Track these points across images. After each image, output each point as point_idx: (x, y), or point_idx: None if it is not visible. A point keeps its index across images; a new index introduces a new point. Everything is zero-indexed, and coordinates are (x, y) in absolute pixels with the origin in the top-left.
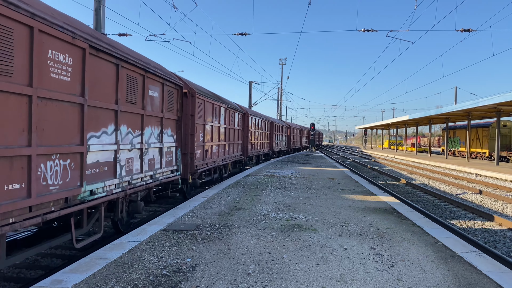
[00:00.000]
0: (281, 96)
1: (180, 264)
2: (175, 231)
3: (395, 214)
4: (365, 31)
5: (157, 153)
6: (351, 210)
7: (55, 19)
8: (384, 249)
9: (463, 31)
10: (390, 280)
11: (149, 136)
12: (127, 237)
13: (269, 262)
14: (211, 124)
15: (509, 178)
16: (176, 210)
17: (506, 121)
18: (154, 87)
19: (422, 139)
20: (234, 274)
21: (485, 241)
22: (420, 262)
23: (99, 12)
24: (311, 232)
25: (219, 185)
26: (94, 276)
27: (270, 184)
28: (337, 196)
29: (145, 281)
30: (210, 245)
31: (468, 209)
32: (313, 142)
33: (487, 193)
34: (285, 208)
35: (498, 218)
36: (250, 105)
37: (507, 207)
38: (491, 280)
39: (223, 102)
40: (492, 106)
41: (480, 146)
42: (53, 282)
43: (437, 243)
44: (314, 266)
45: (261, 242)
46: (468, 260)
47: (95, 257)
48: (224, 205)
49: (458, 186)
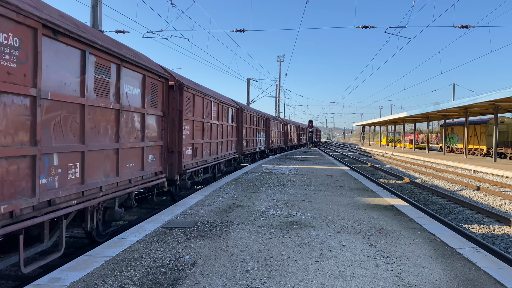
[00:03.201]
0: (279, 93)
1: (179, 262)
2: (174, 229)
3: (394, 211)
4: (363, 28)
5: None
6: (350, 206)
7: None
8: (383, 245)
9: (461, 27)
10: (389, 277)
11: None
12: (125, 235)
13: (268, 259)
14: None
15: (507, 174)
16: (175, 207)
17: (504, 118)
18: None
19: (420, 136)
20: (232, 271)
21: (483, 237)
22: (418, 258)
23: (96, 9)
24: (310, 229)
25: (217, 183)
26: (92, 273)
27: (269, 181)
28: (335, 193)
29: (143, 278)
30: (209, 242)
31: (467, 206)
32: (311, 139)
33: (485, 190)
34: (283, 205)
35: (495, 214)
36: (248, 102)
37: (505, 203)
38: (490, 276)
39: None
40: (490, 102)
41: (478, 143)
42: (51, 280)
43: (436, 240)
44: (313, 263)
45: (259, 239)
46: (466, 257)
47: (93, 255)
48: (222, 202)
49: (456, 183)
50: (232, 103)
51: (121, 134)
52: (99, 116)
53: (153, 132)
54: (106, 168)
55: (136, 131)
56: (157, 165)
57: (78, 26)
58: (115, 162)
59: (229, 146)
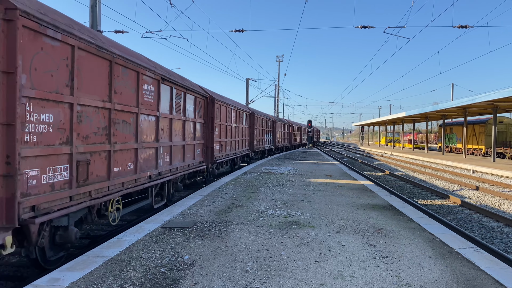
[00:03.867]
0: (278, 93)
1: (178, 262)
2: (173, 229)
3: (393, 211)
4: (362, 28)
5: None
6: (349, 206)
7: None
8: (382, 245)
9: (460, 27)
10: (388, 277)
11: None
12: (124, 235)
13: (267, 259)
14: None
15: (506, 174)
16: (174, 207)
17: (502, 118)
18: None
19: (419, 136)
20: (232, 271)
21: (482, 237)
22: (418, 258)
23: (95, 9)
24: (309, 229)
25: (216, 183)
26: (92, 274)
27: (268, 181)
28: (334, 193)
29: (142, 278)
30: (208, 243)
31: (465, 206)
32: (310, 139)
33: (484, 189)
34: (282, 205)
35: (494, 214)
36: (247, 102)
37: (504, 203)
38: (489, 276)
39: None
40: (488, 102)
41: (476, 143)
42: (50, 280)
43: (435, 239)
44: (312, 263)
45: (259, 239)
46: (466, 256)
47: (92, 255)
48: (221, 202)
49: (455, 183)
50: (246, 109)
51: (185, 136)
52: (176, 125)
53: (199, 134)
54: (178, 157)
55: (191, 133)
56: (201, 157)
57: (170, 74)
58: (182, 153)
59: (243, 144)
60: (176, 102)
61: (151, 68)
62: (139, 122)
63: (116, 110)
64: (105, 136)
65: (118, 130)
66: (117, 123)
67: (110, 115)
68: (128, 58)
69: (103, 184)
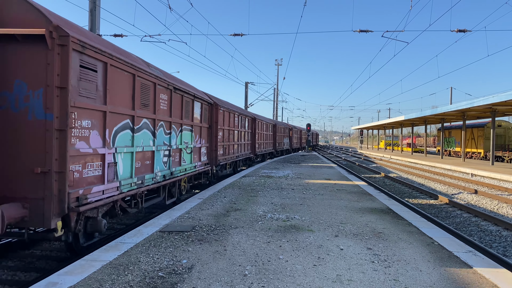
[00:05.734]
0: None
1: (176, 266)
2: (171, 233)
3: (391, 214)
4: (361, 32)
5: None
6: (347, 210)
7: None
8: (381, 249)
9: (458, 31)
10: (387, 281)
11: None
12: (122, 239)
13: (266, 263)
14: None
15: (504, 177)
16: (172, 211)
17: (501, 121)
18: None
19: (418, 139)
20: (230, 275)
21: (481, 240)
22: (416, 262)
23: (94, 13)
24: (308, 233)
25: (215, 186)
26: (90, 278)
27: (267, 185)
28: (333, 196)
29: (141, 283)
30: (206, 246)
31: (464, 209)
32: (309, 143)
33: (483, 193)
34: (281, 208)
35: (493, 217)
36: (246, 106)
37: (503, 207)
38: (487, 280)
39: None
40: (487, 106)
41: (475, 146)
42: (48, 285)
43: (433, 243)
44: (311, 267)
45: (257, 243)
46: (464, 260)
47: (90, 259)
48: (220, 206)
49: (454, 186)
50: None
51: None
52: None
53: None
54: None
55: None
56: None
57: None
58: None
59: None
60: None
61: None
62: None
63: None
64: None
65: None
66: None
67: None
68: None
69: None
